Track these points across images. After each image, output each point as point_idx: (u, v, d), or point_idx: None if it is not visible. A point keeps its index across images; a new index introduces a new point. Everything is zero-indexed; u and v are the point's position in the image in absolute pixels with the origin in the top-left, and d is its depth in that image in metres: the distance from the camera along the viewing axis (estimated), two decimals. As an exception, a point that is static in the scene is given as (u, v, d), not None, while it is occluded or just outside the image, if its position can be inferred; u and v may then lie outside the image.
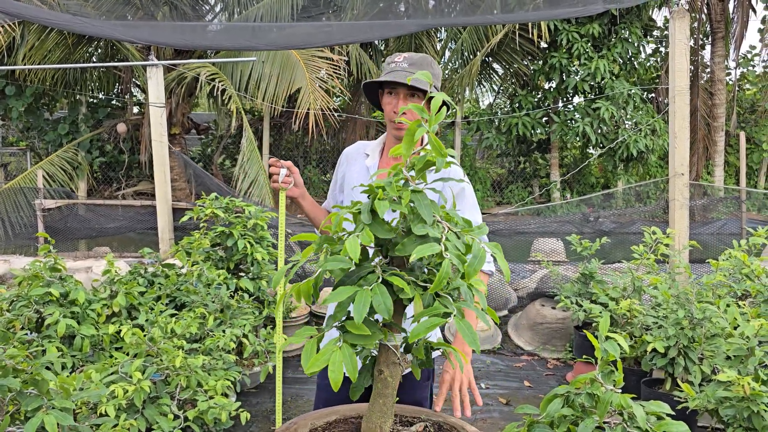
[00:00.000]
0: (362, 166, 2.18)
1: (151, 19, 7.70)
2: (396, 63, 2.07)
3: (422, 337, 1.27)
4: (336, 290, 1.23)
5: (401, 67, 2.05)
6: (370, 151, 2.21)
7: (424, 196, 1.28)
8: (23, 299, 3.41)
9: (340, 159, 2.30)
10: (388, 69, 2.08)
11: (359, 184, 2.12)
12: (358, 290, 1.20)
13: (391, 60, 2.10)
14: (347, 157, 2.27)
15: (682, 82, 5.06)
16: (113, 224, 9.51)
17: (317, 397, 2.22)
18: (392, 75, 2.03)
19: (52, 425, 1.81)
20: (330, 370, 1.18)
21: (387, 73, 2.07)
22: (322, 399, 2.16)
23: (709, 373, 3.35)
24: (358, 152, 2.24)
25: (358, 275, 1.26)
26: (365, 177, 2.14)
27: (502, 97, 15.48)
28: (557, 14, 6.59)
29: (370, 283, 1.22)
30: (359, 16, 7.09)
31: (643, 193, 13.50)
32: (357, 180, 2.15)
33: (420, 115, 1.32)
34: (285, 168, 2.03)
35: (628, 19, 12.28)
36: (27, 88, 12.07)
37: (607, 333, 1.71)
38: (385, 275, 1.24)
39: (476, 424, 3.99)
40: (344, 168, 2.25)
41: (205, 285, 4.23)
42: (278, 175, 2.02)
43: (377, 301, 1.19)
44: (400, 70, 2.04)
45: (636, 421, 1.66)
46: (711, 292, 3.94)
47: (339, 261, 1.23)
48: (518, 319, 5.78)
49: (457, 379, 1.91)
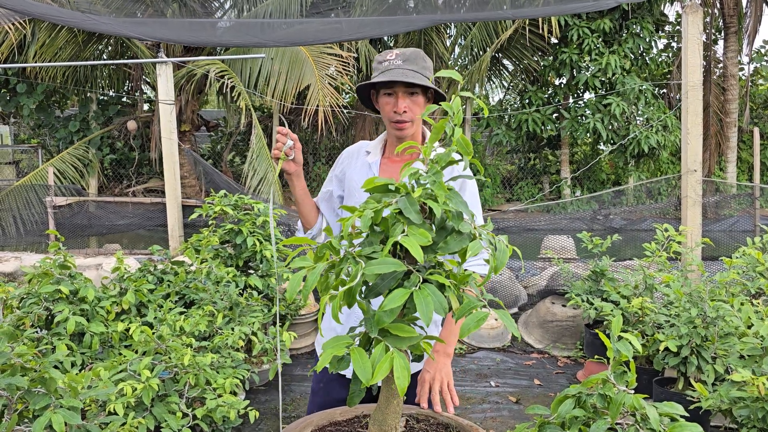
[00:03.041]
0: (364, 163, 2.16)
1: (160, 17, 7.71)
2: (389, 61, 2.01)
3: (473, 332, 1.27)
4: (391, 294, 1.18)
5: (395, 65, 1.99)
6: (371, 149, 2.18)
7: (458, 194, 1.27)
8: (33, 296, 3.41)
9: (340, 156, 2.26)
10: (382, 68, 2.02)
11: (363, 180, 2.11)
12: (415, 291, 1.17)
13: (383, 58, 2.03)
14: (349, 154, 2.24)
15: (694, 78, 5.00)
16: (123, 221, 9.56)
17: (312, 402, 2.20)
18: (388, 74, 1.97)
19: (60, 424, 1.81)
20: (396, 377, 1.15)
21: (381, 72, 2.01)
22: (317, 404, 2.13)
23: (722, 373, 3.31)
24: (359, 151, 2.22)
25: (394, 277, 1.22)
26: (367, 174, 2.12)
27: (512, 93, 15.40)
28: (568, 9, 6.53)
29: (414, 284, 1.19)
30: (368, 12, 7.07)
31: (655, 190, 13.40)
32: (358, 177, 2.13)
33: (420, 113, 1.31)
34: (291, 141, 1.98)
35: (640, 14, 12.17)
36: (38, 85, 12.14)
37: (619, 333, 1.69)
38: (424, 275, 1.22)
39: (485, 423, 3.96)
40: (345, 165, 2.22)
41: (214, 282, 4.23)
42: (284, 144, 1.97)
43: (435, 301, 1.17)
44: (395, 68, 1.99)
45: (649, 422, 1.64)
46: (724, 290, 3.89)
47: (387, 264, 1.17)
48: (528, 317, 5.75)
49: (437, 379, 1.89)
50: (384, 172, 2.11)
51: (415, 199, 1.23)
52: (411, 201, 1.23)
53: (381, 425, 1.40)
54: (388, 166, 2.13)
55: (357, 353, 1.18)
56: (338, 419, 1.58)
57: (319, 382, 2.15)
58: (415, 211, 1.22)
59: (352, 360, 1.18)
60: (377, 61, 2.05)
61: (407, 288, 1.18)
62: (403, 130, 2.02)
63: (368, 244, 1.25)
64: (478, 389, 4.54)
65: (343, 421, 1.56)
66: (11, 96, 12.64)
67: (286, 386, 4.50)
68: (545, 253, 6.57)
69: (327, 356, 1.20)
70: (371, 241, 1.25)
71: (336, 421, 1.56)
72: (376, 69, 2.04)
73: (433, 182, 1.27)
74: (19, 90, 12.24)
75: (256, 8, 10.14)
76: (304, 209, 2.17)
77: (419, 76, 1.99)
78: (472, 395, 4.42)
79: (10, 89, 12.60)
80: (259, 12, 9.97)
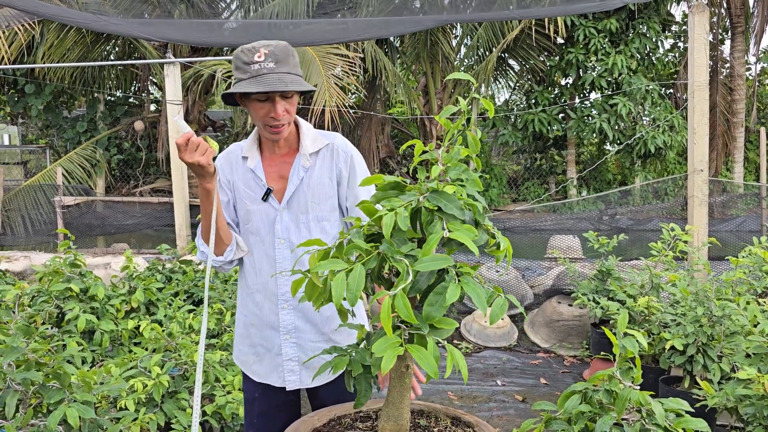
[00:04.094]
0: (245, 169, 2.00)
1: (168, 17, 7.76)
2: (259, 64, 1.81)
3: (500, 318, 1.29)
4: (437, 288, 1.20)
5: (267, 69, 1.81)
6: (246, 153, 2.01)
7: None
8: (44, 295, 3.46)
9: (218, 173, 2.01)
10: (252, 72, 1.81)
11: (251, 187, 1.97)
12: (465, 284, 1.19)
13: (249, 60, 1.82)
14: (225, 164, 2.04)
15: (701, 77, 5.00)
16: (131, 221, 9.62)
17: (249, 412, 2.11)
18: (263, 82, 1.79)
19: (74, 418, 1.84)
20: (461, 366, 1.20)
21: (253, 77, 1.82)
22: (256, 413, 2.08)
23: (728, 371, 3.32)
24: (235, 156, 2.04)
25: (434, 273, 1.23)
26: (252, 178, 1.99)
27: (518, 93, 15.40)
28: (574, 9, 6.54)
29: (453, 278, 1.20)
30: (375, 12, 7.09)
31: (661, 190, 13.37)
32: (243, 183, 2.00)
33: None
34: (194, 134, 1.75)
35: (646, 14, 12.15)
36: (46, 86, 12.22)
37: (625, 329, 1.70)
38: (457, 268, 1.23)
39: (492, 421, 3.98)
40: (228, 176, 2.03)
41: (222, 281, 4.26)
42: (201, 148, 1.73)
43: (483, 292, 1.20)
44: (268, 72, 1.81)
45: (655, 418, 1.65)
46: (730, 289, 3.90)
47: (438, 260, 1.17)
48: (534, 316, 5.76)
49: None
50: (270, 174, 1.99)
51: (454, 195, 1.24)
52: (451, 198, 1.24)
53: (397, 420, 1.40)
54: (272, 167, 2.00)
55: (416, 350, 1.19)
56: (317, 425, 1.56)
57: (253, 392, 2.08)
58: (457, 207, 1.23)
59: (414, 357, 1.17)
60: (242, 60, 1.84)
61: (448, 282, 1.19)
62: (280, 133, 1.90)
63: (402, 242, 1.24)
64: (484, 388, 4.55)
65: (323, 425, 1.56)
66: (20, 97, 12.73)
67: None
68: (551, 252, 6.58)
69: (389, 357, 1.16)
70: (403, 239, 1.25)
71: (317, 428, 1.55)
72: (242, 70, 1.84)
73: (467, 179, 1.29)
74: (27, 91, 12.33)
75: (262, 9, 10.18)
76: (222, 221, 1.92)
77: (296, 78, 1.86)
78: (479, 394, 4.44)
79: (18, 90, 12.69)
80: (266, 12, 10.01)
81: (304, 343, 1.98)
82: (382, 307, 1.13)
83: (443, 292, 1.18)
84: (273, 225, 1.97)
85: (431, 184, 1.28)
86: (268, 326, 2.01)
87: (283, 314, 1.99)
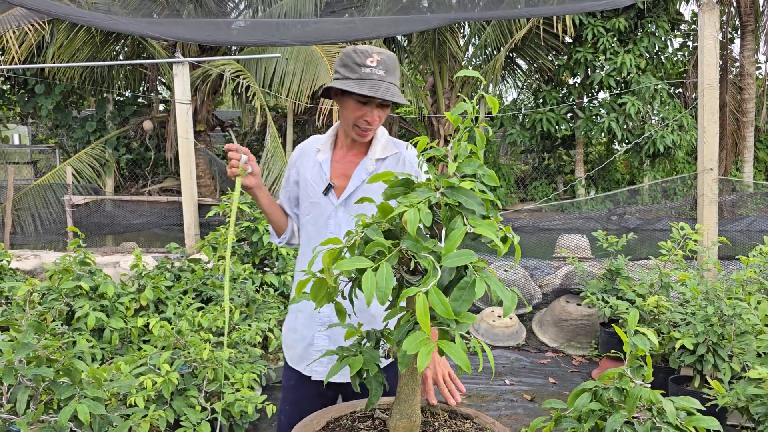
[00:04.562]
0: (315, 162, 2.13)
1: (177, 17, 7.79)
2: (371, 69, 1.92)
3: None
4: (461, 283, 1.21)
5: (378, 75, 1.92)
6: (321, 146, 2.14)
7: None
8: (54, 292, 3.48)
9: (293, 155, 2.22)
10: (361, 74, 1.92)
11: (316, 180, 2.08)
12: (489, 280, 1.20)
13: (362, 62, 1.93)
14: (302, 152, 2.20)
15: (711, 76, 4.98)
16: (140, 220, 9.66)
17: (284, 399, 2.17)
18: (372, 87, 1.90)
19: (85, 414, 1.85)
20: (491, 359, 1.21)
21: (361, 80, 1.91)
22: (290, 400, 2.14)
23: (738, 371, 3.30)
24: (311, 147, 2.17)
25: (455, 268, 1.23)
26: (318, 172, 2.10)
27: (526, 92, 15.36)
28: (583, 8, 6.52)
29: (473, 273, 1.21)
30: (382, 12, 7.10)
31: (670, 189, 13.31)
32: (311, 176, 2.11)
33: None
34: (245, 155, 1.96)
35: (655, 12, 12.10)
36: (56, 86, 12.30)
37: (636, 327, 1.70)
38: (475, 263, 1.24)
39: (500, 420, 3.97)
40: (298, 164, 2.18)
41: (231, 279, 4.28)
42: (238, 161, 1.94)
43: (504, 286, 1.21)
44: (378, 79, 1.91)
45: (665, 416, 1.64)
46: (741, 288, 3.87)
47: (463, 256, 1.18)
48: (543, 316, 5.74)
49: (439, 372, 1.89)
50: (335, 170, 2.09)
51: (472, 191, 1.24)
52: (470, 193, 1.24)
53: (410, 417, 1.40)
54: (339, 164, 2.10)
55: (447, 345, 1.18)
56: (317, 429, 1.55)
57: (290, 379, 2.15)
58: (477, 202, 1.24)
59: (447, 353, 1.17)
60: (353, 61, 1.93)
61: (470, 277, 1.20)
62: (366, 136, 2.00)
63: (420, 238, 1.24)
64: (493, 387, 4.55)
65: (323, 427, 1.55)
66: (29, 97, 12.81)
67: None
68: (560, 252, 6.56)
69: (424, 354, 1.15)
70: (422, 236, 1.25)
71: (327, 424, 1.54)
72: (351, 70, 1.93)
73: (482, 174, 1.30)
74: (37, 91, 12.41)
75: (271, 8, 10.21)
76: (274, 216, 2.17)
77: (398, 90, 1.96)
78: (487, 393, 4.43)
79: (28, 90, 12.77)
80: (274, 12, 10.04)
81: (336, 337, 2.02)
82: (417, 304, 1.12)
83: (466, 287, 1.19)
84: (327, 220, 2.05)
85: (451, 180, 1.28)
86: (308, 315, 2.07)
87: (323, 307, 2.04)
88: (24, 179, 13.21)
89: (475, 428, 1.54)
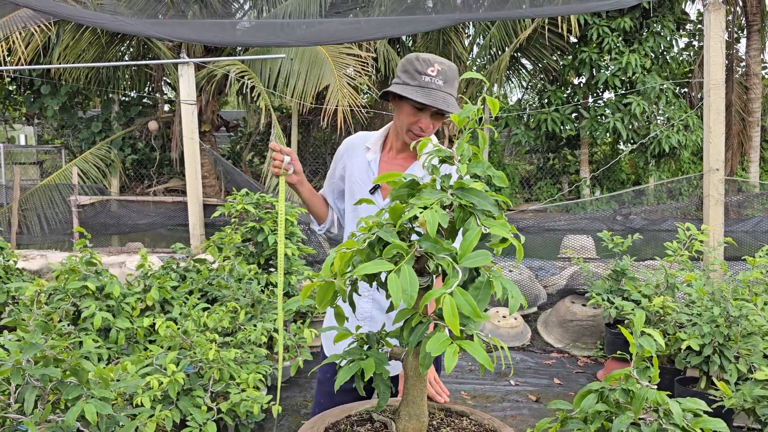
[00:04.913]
0: (363, 160, 2.16)
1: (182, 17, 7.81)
2: (431, 78, 1.95)
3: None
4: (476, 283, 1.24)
5: (436, 85, 1.95)
6: (371, 145, 2.17)
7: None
8: (61, 292, 3.49)
9: (341, 148, 2.26)
10: (420, 82, 1.96)
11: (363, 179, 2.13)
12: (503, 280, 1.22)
13: (423, 70, 1.96)
14: (350, 146, 2.23)
15: (717, 76, 4.96)
16: (145, 220, 9.68)
17: (319, 391, 2.22)
18: (430, 96, 1.93)
19: (92, 414, 1.85)
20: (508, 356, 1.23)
21: (420, 87, 1.95)
22: (325, 392, 2.18)
23: (745, 372, 3.29)
24: (361, 144, 2.21)
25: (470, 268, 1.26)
26: (366, 171, 2.13)
27: (530, 93, 15.34)
28: (588, 7, 6.51)
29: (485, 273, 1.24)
30: (387, 12, 7.09)
31: (675, 189, 13.27)
32: (357, 173, 2.14)
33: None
34: (287, 156, 2.03)
35: (661, 12, 12.07)
36: (62, 87, 12.34)
37: (642, 328, 1.69)
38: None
39: (506, 421, 3.97)
40: (345, 159, 2.22)
41: (236, 280, 4.28)
42: (281, 162, 2.03)
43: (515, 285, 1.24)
44: (436, 88, 1.94)
45: (672, 417, 1.64)
46: (747, 289, 3.86)
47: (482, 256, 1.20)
48: (548, 316, 5.74)
49: (430, 372, 1.92)
50: (383, 170, 2.11)
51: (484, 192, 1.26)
52: (482, 194, 1.27)
53: (419, 418, 1.41)
54: (387, 165, 2.13)
55: (469, 345, 1.20)
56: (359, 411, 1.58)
57: (326, 372, 2.20)
58: (491, 203, 1.26)
59: (469, 352, 1.18)
60: (414, 68, 1.97)
61: (484, 277, 1.23)
62: (417, 141, 2.04)
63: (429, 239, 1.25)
64: (497, 388, 4.54)
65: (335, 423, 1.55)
66: (35, 97, 12.86)
67: (306, 383, 4.54)
68: (565, 252, 6.55)
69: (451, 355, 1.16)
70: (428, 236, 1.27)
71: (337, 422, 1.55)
72: (412, 76, 1.97)
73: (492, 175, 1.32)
74: (43, 91, 12.45)
75: (275, 9, 10.22)
76: (314, 208, 2.26)
77: (455, 102, 1.98)
78: (492, 394, 4.43)
79: (34, 90, 12.82)
80: (279, 13, 10.05)
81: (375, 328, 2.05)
82: (444, 306, 1.13)
83: (481, 287, 1.22)
84: None
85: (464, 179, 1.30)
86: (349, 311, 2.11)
87: (360, 302, 2.07)
88: (30, 179, 13.27)
89: (474, 424, 1.55)
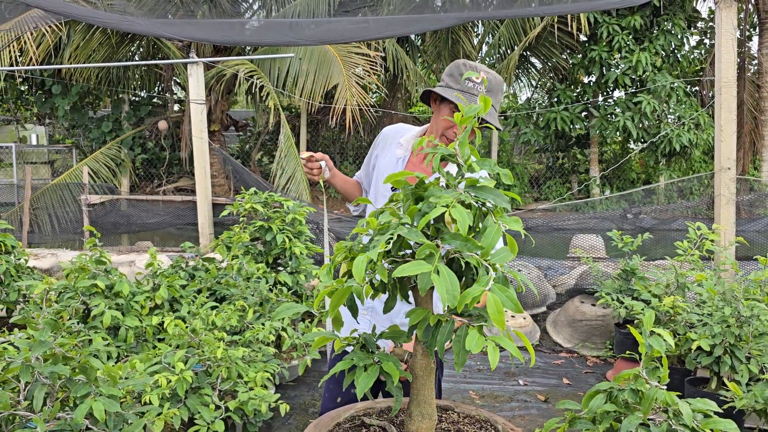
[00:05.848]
0: (393, 155, 2.18)
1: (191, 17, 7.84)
2: (474, 84, 1.96)
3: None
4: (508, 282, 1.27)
5: (478, 91, 1.96)
6: (404, 142, 2.19)
7: None
8: (71, 291, 3.51)
9: (379, 136, 2.30)
10: (464, 87, 1.96)
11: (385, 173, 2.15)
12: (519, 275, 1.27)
13: (469, 77, 1.96)
14: (386, 137, 2.26)
15: (728, 74, 4.92)
16: (154, 219, 9.71)
17: (328, 381, 2.24)
18: (470, 102, 1.92)
19: (100, 412, 1.86)
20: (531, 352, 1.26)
21: (463, 92, 1.95)
22: (334, 380, 2.21)
23: (756, 373, 3.26)
24: (395, 137, 2.23)
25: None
26: (393, 167, 2.15)
27: (540, 91, 15.28)
28: (598, 5, 6.47)
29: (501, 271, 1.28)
30: (395, 11, 7.08)
31: (686, 189, 13.17)
32: (384, 168, 2.16)
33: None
34: (322, 162, 2.10)
35: (671, 10, 11.98)
36: (72, 87, 12.41)
37: (651, 328, 1.68)
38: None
39: (514, 421, 3.96)
40: (379, 150, 2.25)
41: (245, 278, 4.29)
42: (318, 169, 2.11)
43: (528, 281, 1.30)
44: (477, 95, 1.94)
45: (682, 418, 1.63)
46: (759, 289, 3.82)
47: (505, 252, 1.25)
48: (557, 316, 5.71)
49: None
50: (410, 170, 2.12)
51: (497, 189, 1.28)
52: (496, 192, 1.29)
53: (431, 417, 1.41)
54: (416, 167, 2.14)
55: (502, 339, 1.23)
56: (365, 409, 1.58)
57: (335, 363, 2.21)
58: (505, 200, 1.28)
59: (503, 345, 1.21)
60: (460, 73, 1.99)
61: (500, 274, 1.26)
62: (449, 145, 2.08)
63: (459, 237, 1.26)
64: (506, 388, 4.53)
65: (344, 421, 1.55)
66: (47, 97, 12.95)
67: (314, 381, 4.54)
68: (574, 252, 6.52)
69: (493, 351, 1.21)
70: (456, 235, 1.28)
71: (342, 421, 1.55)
72: (456, 80, 1.98)
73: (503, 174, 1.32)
74: (54, 91, 12.54)
75: (284, 8, 10.23)
76: (348, 194, 2.36)
77: (495, 113, 1.99)
78: (500, 393, 4.42)
79: (45, 90, 12.91)
80: (288, 12, 10.05)
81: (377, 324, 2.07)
82: (488, 304, 1.14)
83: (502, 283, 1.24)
84: None
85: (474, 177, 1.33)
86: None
87: None
88: (41, 179, 13.35)
89: (462, 416, 1.58)
